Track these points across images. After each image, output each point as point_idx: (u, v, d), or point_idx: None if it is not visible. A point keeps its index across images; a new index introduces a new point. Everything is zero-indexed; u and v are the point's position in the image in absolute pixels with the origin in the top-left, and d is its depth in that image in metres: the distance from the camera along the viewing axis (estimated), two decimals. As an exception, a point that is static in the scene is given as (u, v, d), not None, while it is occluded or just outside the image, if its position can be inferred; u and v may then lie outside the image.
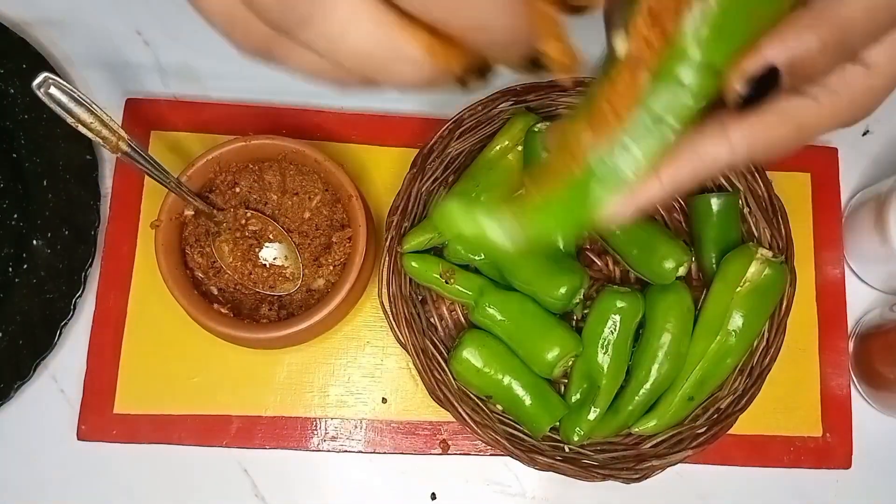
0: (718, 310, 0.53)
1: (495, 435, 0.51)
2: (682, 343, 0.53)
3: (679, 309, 0.53)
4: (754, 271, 0.52)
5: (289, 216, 0.55)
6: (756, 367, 0.54)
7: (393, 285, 0.53)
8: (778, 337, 0.54)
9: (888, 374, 0.56)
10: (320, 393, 0.57)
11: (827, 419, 0.58)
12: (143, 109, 0.60)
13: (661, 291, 0.54)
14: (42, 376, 0.56)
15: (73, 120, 0.43)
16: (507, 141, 0.56)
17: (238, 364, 0.56)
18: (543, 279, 0.52)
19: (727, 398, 0.54)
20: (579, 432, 0.52)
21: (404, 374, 0.58)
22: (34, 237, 0.57)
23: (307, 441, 0.56)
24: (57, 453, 0.55)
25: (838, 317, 0.60)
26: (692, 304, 0.54)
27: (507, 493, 0.57)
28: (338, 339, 0.58)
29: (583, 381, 0.54)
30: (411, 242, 0.53)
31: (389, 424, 0.57)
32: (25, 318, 0.55)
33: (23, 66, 0.58)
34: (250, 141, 0.53)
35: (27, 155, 0.58)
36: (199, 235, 0.54)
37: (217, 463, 0.56)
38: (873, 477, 0.58)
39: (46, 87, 0.42)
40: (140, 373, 0.56)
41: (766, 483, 0.58)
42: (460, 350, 0.52)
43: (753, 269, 0.52)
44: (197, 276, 0.54)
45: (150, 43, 0.63)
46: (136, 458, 0.55)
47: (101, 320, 0.57)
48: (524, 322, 0.53)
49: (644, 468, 0.51)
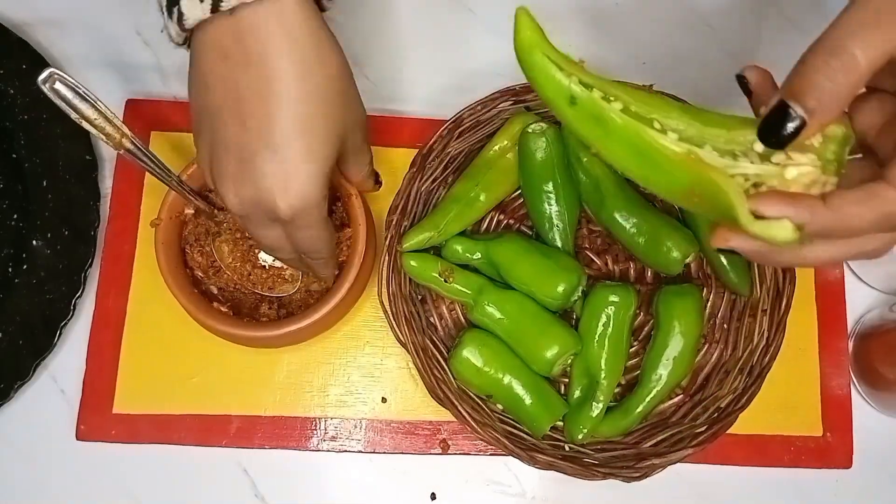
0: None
1: (495, 434, 0.51)
2: (693, 346, 0.53)
3: (691, 312, 0.53)
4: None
5: (288, 216, 0.55)
6: (756, 366, 0.54)
7: (392, 284, 0.53)
8: (778, 336, 0.54)
9: (888, 374, 0.56)
10: (320, 393, 0.57)
11: (827, 419, 0.58)
12: (143, 110, 0.60)
13: (673, 294, 0.54)
14: (42, 376, 0.56)
15: (76, 116, 0.43)
16: (507, 141, 0.56)
17: (238, 364, 0.56)
18: (541, 278, 0.53)
19: (727, 397, 0.54)
20: (582, 430, 0.52)
21: (404, 373, 0.58)
22: (34, 237, 0.57)
23: (307, 441, 0.56)
24: (57, 453, 0.55)
25: (838, 317, 0.60)
26: (703, 306, 0.55)
27: (507, 493, 0.57)
28: (337, 339, 0.58)
29: (583, 378, 0.54)
30: (410, 241, 0.53)
31: (389, 424, 0.57)
32: (25, 318, 0.55)
33: (23, 66, 0.58)
34: (250, 140, 0.53)
35: (27, 155, 0.58)
36: (199, 235, 0.54)
37: (217, 463, 0.56)
38: (873, 477, 0.58)
39: (52, 82, 0.42)
40: (140, 373, 0.56)
41: (766, 483, 0.58)
42: (460, 349, 0.52)
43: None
44: (197, 276, 0.54)
45: (150, 43, 0.63)
46: (135, 458, 0.55)
47: (100, 320, 0.57)
48: (523, 321, 0.53)
49: (644, 467, 0.51)
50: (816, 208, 0.31)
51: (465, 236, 0.55)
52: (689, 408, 0.55)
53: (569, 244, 0.56)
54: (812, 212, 0.31)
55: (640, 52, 0.64)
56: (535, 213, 0.57)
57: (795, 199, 0.31)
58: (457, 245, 0.55)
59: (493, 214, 0.59)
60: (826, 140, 0.34)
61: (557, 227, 0.56)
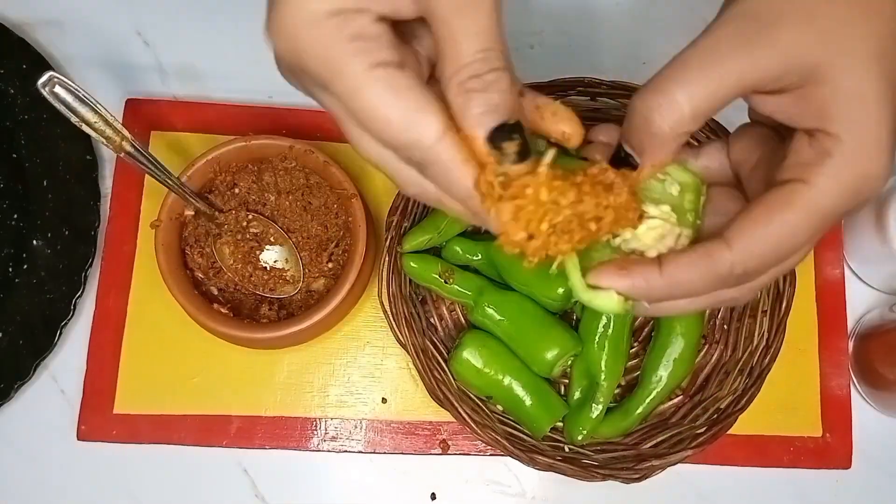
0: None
1: (495, 435, 0.51)
2: (693, 347, 0.54)
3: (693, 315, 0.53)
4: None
5: (288, 216, 0.55)
6: (756, 367, 0.54)
7: (393, 285, 0.53)
8: (778, 337, 0.54)
9: (888, 374, 0.56)
10: (320, 393, 0.57)
11: (827, 419, 0.58)
12: (143, 109, 0.60)
13: None
14: (42, 376, 0.56)
15: (76, 119, 0.43)
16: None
17: (238, 364, 0.56)
18: (541, 279, 0.52)
19: (727, 398, 0.54)
20: (582, 431, 0.52)
21: (404, 374, 0.58)
22: (34, 237, 0.57)
23: (307, 441, 0.56)
24: (57, 453, 0.55)
25: (838, 317, 0.60)
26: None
27: (507, 494, 0.57)
28: (338, 339, 0.58)
29: (583, 380, 0.54)
30: (411, 242, 0.53)
31: (389, 424, 0.57)
32: (25, 318, 0.55)
33: (23, 66, 0.58)
34: (250, 141, 0.53)
35: (27, 155, 0.58)
36: (199, 236, 0.54)
37: (217, 463, 0.56)
38: (873, 477, 0.58)
39: (51, 86, 0.42)
40: (140, 373, 0.56)
41: (766, 483, 0.58)
42: (460, 350, 0.52)
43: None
44: (197, 277, 0.54)
45: (150, 43, 0.63)
46: (135, 459, 0.55)
47: (101, 320, 0.57)
48: (523, 322, 0.53)
49: (644, 468, 0.51)
50: (651, 275, 0.31)
51: (465, 237, 0.55)
52: (689, 409, 0.55)
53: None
54: (646, 279, 0.31)
55: (640, 52, 0.64)
56: (535, 214, 0.56)
57: (630, 269, 0.31)
58: (457, 246, 0.55)
59: (494, 215, 0.59)
60: (682, 189, 0.34)
61: (558, 227, 0.56)
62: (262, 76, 0.32)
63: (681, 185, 0.34)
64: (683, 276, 0.30)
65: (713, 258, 0.30)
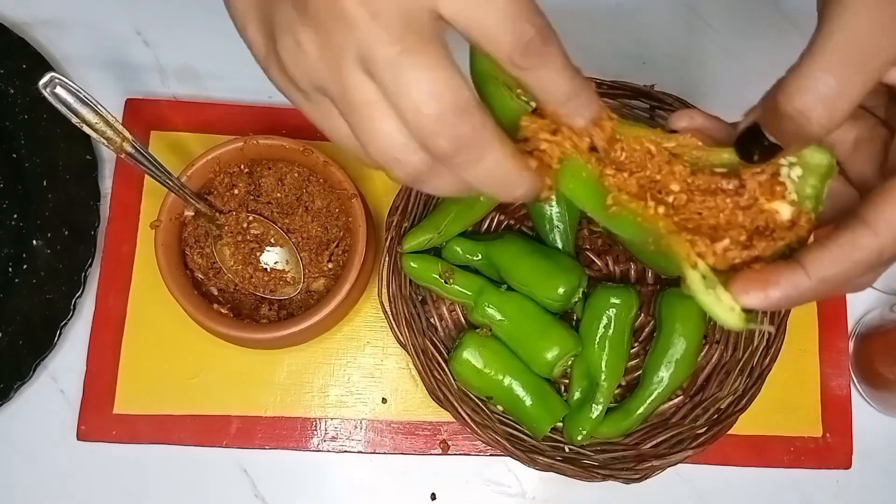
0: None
1: (495, 435, 0.51)
2: (695, 348, 0.53)
3: (694, 314, 0.53)
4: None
5: (288, 217, 0.55)
6: (756, 367, 0.54)
7: (393, 285, 0.53)
8: (778, 337, 0.54)
9: (888, 374, 0.56)
10: (320, 393, 0.57)
11: (827, 419, 0.58)
12: (143, 109, 0.60)
13: (676, 296, 0.54)
14: (42, 376, 0.56)
15: (77, 120, 0.43)
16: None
17: (238, 364, 0.56)
18: (542, 279, 0.52)
19: (727, 398, 0.54)
20: (582, 431, 0.52)
21: (404, 374, 0.58)
22: (34, 237, 0.57)
23: (307, 441, 0.56)
24: (57, 453, 0.55)
25: (838, 317, 0.60)
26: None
27: (507, 494, 0.57)
28: (338, 340, 0.58)
29: (583, 380, 0.54)
30: (411, 243, 0.53)
31: (389, 425, 0.57)
32: (25, 318, 0.55)
33: (23, 66, 0.58)
34: (250, 141, 0.53)
35: (27, 155, 0.58)
36: (199, 236, 0.54)
37: (217, 463, 0.56)
38: (873, 477, 0.58)
39: (52, 86, 0.42)
40: (140, 373, 0.56)
41: (766, 483, 0.58)
42: (460, 351, 0.52)
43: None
44: (197, 277, 0.54)
45: (150, 43, 0.63)
46: (135, 459, 0.55)
47: (101, 320, 0.57)
48: (523, 322, 0.53)
49: (644, 468, 0.51)
50: (799, 280, 0.29)
51: (465, 237, 0.55)
52: (690, 409, 0.55)
53: (569, 245, 0.56)
54: (795, 286, 0.29)
55: (640, 52, 0.64)
56: (535, 214, 0.57)
57: (778, 280, 0.29)
58: (457, 246, 0.55)
59: (494, 215, 0.59)
60: (806, 173, 0.32)
61: (558, 227, 0.56)
62: (262, 76, 0.32)
63: (811, 168, 0.32)
64: (830, 273, 0.29)
65: (860, 248, 0.28)
